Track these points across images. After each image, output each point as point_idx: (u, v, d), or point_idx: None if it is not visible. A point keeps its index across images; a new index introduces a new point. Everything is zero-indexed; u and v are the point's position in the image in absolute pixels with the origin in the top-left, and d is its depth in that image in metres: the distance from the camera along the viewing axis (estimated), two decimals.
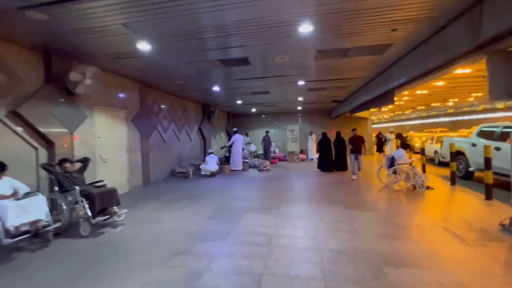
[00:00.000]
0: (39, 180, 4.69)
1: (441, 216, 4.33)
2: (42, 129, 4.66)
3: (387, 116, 35.69)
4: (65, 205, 3.97)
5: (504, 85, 3.46)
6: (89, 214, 3.86)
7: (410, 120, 36.67)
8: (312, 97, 11.39)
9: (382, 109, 21.68)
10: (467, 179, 7.60)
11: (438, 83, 11.12)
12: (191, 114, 11.43)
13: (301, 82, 8.16)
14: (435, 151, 11.27)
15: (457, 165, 7.54)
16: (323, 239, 3.52)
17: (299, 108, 15.64)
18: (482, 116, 24.59)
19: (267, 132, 13.33)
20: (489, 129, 6.99)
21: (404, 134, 15.98)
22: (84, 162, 4.63)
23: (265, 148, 12.83)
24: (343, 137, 9.65)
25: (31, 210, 3.46)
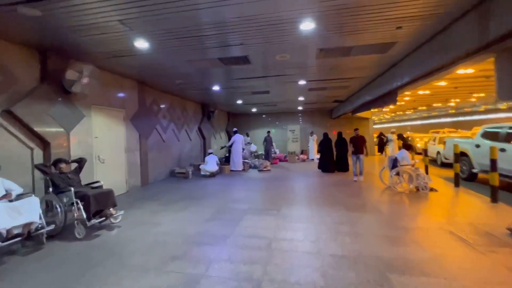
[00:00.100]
0: (34, 181, 4.59)
1: (446, 219, 4.21)
2: (38, 129, 4.55)
3: (388, 117, 35.50)
4: (60, 207, 3.87)
5: None
6: (84, 216, 3.77)
7: (411, 121, 36.48)
8: (313, 97, 11.27)
9: (383, 110, 21.55)
10: (471, 181, 7.48)
11: (440, 83, 10.97)
12: (191, 114, 11.32)
13: (302, 82, 8.05)
14: (438, 152, 11.16)
15: (460, 167, 7.41)
16: (324, 243, 3.41)
17: (300, 108, 15.52)
18: (484, 117, 24.40)
19: (269, 132, 13.14)
20: (494, 130, 6.86)
21: (405, 135, 15.84)
22: (80, 163, 4.52)
23: (267, 149, 12.64)
24: (345, 138, 9.57)
25: (24, 212, 3.36)
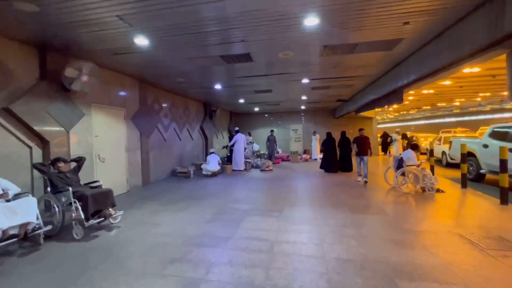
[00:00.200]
0: (33, 180, 4.52)
1: (455, 222, 4.07)
2: (36, 127, 4.48)
3: (392, 116, 35.16)
4: (58, 207, 3.79)
5: None
6: (82, 217, 3.68)
7: (415, 120, 36.12)
8: (316, 96, 11.13)
9: (387, 109, 21.31)
10: (478, 182, 7.31)
11: (445, 83, 10.78)
12: (193, 113, 11.24)
13: (305, 80, 7.92)
14: (443, 152, 10.97)
15: (467, 167, 7.25)
16: (329, 246, 3.30)
17: (303, 108, 15.37)
18: (490, 117, 24.08)
19: (272, 131, 12.95)
20: (503, 130, 6.68)
21: (409, 135, 15.63)
22: (79, 162, 4.44)
23: (270, 149, 12.40)
24: (348, 137, 9.45)
25: (21, 212, 3.28)
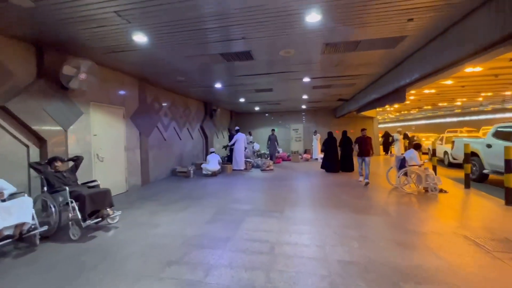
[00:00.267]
0: (30, 180, 4.45)
1: (459, 223, 3.99)
2: (33, 126, 4.40)
3: (393, 116, 35.03)
4: (54, 207, 3.71)
5: None
6: (79, 217, 3.61)
7: (416, 120, 36.01)
8: (317, 95, 11.04)
9: (388, 109, 21.21)
10: (481, 182, 7.23)
11: (447, 82, 10.69)
12: (193, 112, 11.16)
13: (306, 79, 7.84)
14: (445, 152, 10.89)
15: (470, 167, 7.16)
16: (331, 248, 3.22)
17: (303, 107, 15.28)
18: (491, 117, 23.95)
19: (273, 131, 12.75)
20: (507, 129, 6.59)
21: (410, 134, 15.53)
22: (76, 161, 4.37)
23: (271, 149, 12.23)
24: (349, 137, 9.37)
25: (16, 213, 3.21)
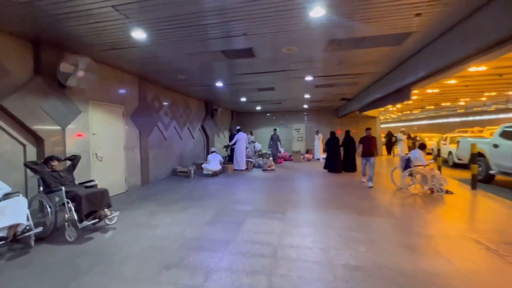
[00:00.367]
0: (27, 180, 4.36)
1: (468, 225, 3.86)
2: (30, 124, 4.30)
3: (395, 116, 34.81)
4: (50, 207, 3.61)
5: None
6: (76, 218, 3.51)
7: (418, 120, 35.78)
8: (320, 95, 10.91)
9: (390, 109, 21.02)
10: (487, 183, 7.08)
11: (450, 82, 10.53)
12: (194, 111, 11.05)
13: (309, 78, 7.71)
14: (449, 152, 10.73)
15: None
16: (335, 251, 3.10)
17: (305, 106, 15.14)
18: (494, 117, 23.74)
19: (275, 130, 12.54)
20: None
21: (413, 134, 15.37)
22: (73, 160, 4.27)
23: (273, 148, 11.99)
24: (352, 136, 9.23)
25: (9, 213, 3.11)
